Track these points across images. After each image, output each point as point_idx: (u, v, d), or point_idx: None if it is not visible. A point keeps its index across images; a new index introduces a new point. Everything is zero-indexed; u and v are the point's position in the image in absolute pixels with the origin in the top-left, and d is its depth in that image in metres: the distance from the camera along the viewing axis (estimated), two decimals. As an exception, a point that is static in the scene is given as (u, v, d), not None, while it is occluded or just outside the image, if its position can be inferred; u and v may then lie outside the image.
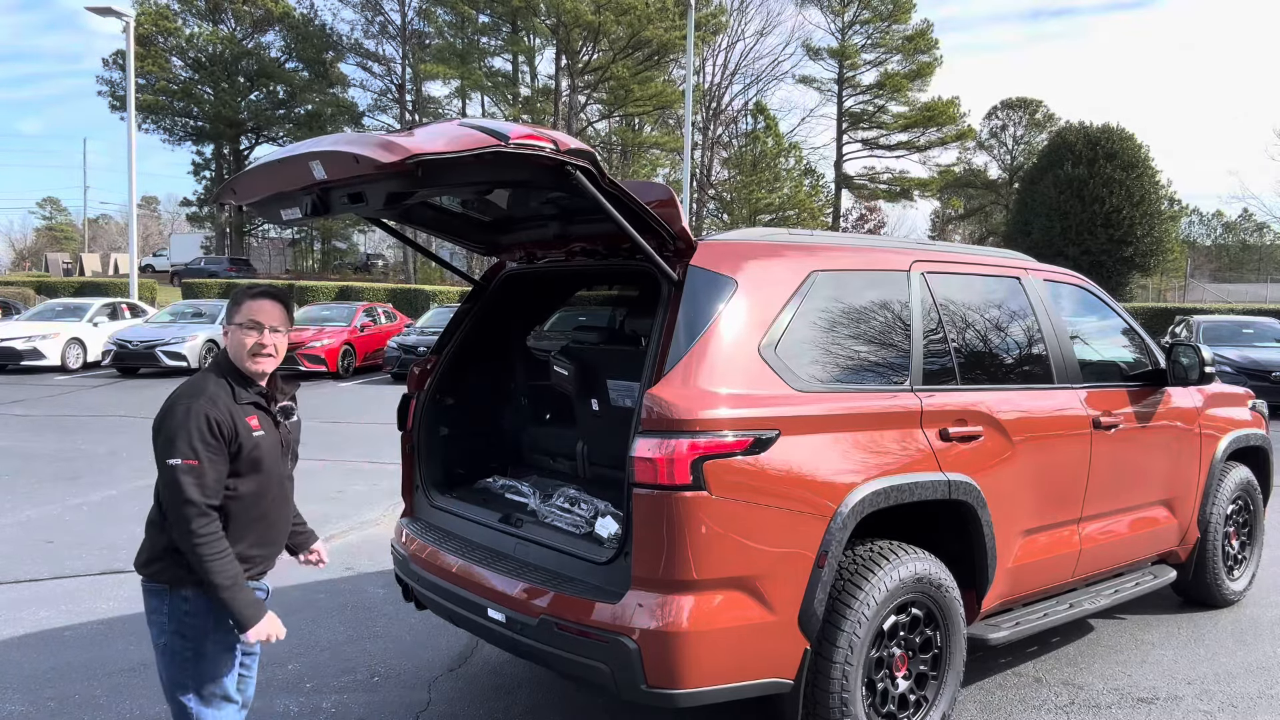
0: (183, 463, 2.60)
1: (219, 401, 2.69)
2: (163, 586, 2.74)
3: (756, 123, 51.33)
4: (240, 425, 2.71)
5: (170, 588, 2.73)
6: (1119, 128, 36.41)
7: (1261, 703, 4.29)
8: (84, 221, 72.63)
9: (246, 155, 50.58)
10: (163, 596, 2.75)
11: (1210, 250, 65.48)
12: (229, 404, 2.71)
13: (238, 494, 2.74)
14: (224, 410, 2.68)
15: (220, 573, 2.62)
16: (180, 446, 2.61)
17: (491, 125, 2.74)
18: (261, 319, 2.78)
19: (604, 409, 4.33)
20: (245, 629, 2.68)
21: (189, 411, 2.64)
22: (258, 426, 2.77)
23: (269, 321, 2.79)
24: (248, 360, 2.79)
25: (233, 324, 2.80)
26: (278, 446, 2.86)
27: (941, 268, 4.07)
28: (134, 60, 25.59)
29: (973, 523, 3.76)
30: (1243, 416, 5.67)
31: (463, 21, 46.20)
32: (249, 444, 2.73)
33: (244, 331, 2.77)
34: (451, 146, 2.62)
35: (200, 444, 2.61)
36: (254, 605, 2.70)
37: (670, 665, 2.99)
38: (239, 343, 2.78)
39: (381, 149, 2.59)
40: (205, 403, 2.66)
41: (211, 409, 2.65)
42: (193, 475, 2.60)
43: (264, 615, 2.72)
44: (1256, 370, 14.24)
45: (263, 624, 2.71)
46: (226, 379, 2.77)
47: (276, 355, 2.83)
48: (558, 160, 2.80)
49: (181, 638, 2.74)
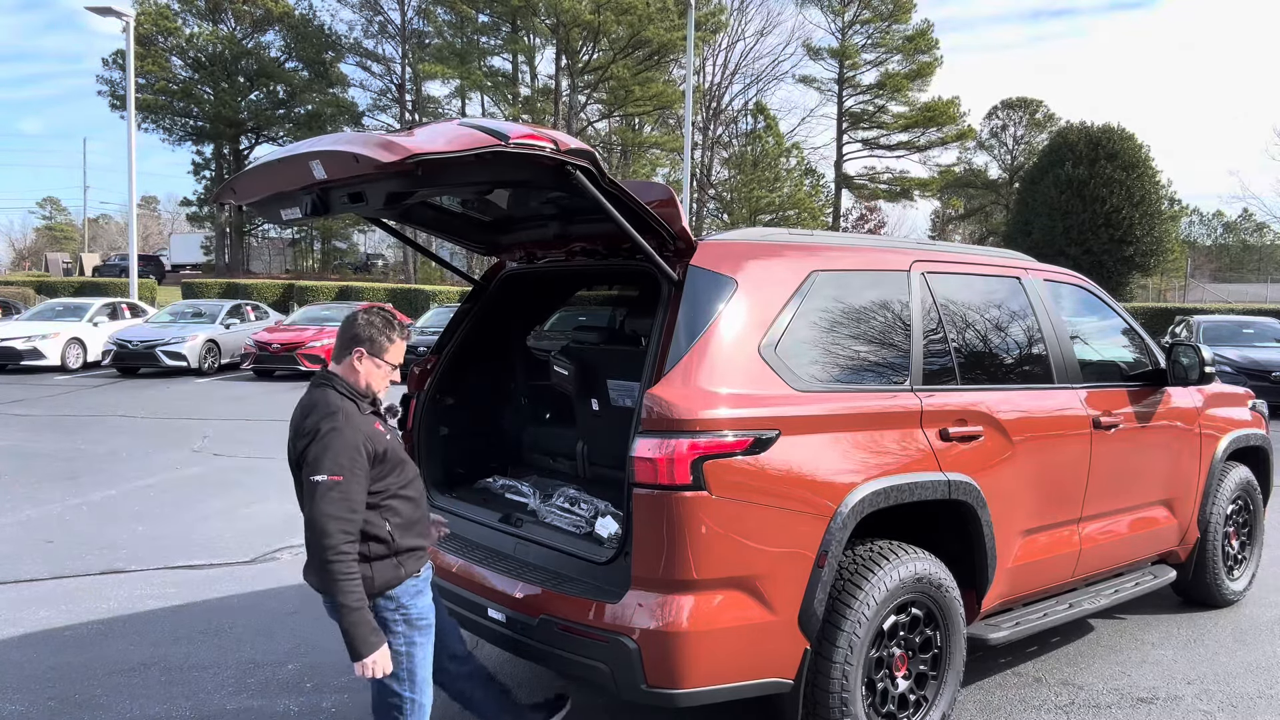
0: (328, 479, 2.75)
1: (355, 418, 2.88)
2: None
3: (756, 123, 51.30)
4: (374, 434, 2.92)
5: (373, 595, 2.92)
6: (1119, 128, 36.39)
7: (1261, 703, 4.29)
8: (84, 221, 72.64)
9: (246, 155, 50.54)
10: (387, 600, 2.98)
11: (1210, 250, 65.47)
12: (360, 419, 2.91)
13: (394, 491, 2.95)
14: (362, 426, 2.88)
15: (351, 593, 2.76)
16: (325, 463, 2.77)
17: (492, 125, 2.74)
18: (398, 360, 3.06)
19: (604, 409, 4.33)
20: (361, 657, 2.80)
21: (335, 430, 2.81)
22: (384, 431, 3.00)
23: (400, 361, 3.08)
24: (378, 390, 3.04)
25: (380, 359, 3.00)
26: (399, 445, 3.07)
27: (942, 268, 4.07)
28: (134, 60, 25.60)
29: (973, 523, 3.76)
30: (1243, 416, 5.67)
31: (462, 21, 46.18)
32: (384, 445, 2.94)
33: (387, 368, 3.02)
34: (451, 146, 2.61)
35: (346, 459, 2.78)
36: (375, 634, 2.83)
37: (670, 665, 2.99)
38: (380, 376, 3.01)
39: (381, 148, 2.59)
40: (346, 421, 2.84)
41: (353, 429, 2.84)
42: (338, 491, 2.76)
43: (381, 645, 2.84)
44: (1256, 370, 14.24)
45: (378, 654, 2.82)
46: (352, 398, 2.95)
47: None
48: (558, 160, 2.80)
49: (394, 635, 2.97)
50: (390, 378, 3.05)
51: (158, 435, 11.34)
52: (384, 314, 3.04)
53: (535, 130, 2.78)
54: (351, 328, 3.02)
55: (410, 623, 2.99)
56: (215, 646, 4.78)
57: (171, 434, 11.45)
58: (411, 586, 2.99)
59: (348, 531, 2.75)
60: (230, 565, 6.15)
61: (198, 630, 5.00)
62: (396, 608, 2.95)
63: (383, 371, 3.02)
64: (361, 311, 3.07)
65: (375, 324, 3.01)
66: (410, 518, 3.01)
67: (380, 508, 2.91)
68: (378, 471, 2.90)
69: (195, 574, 5.94)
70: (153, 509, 7.71)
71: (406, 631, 2.98)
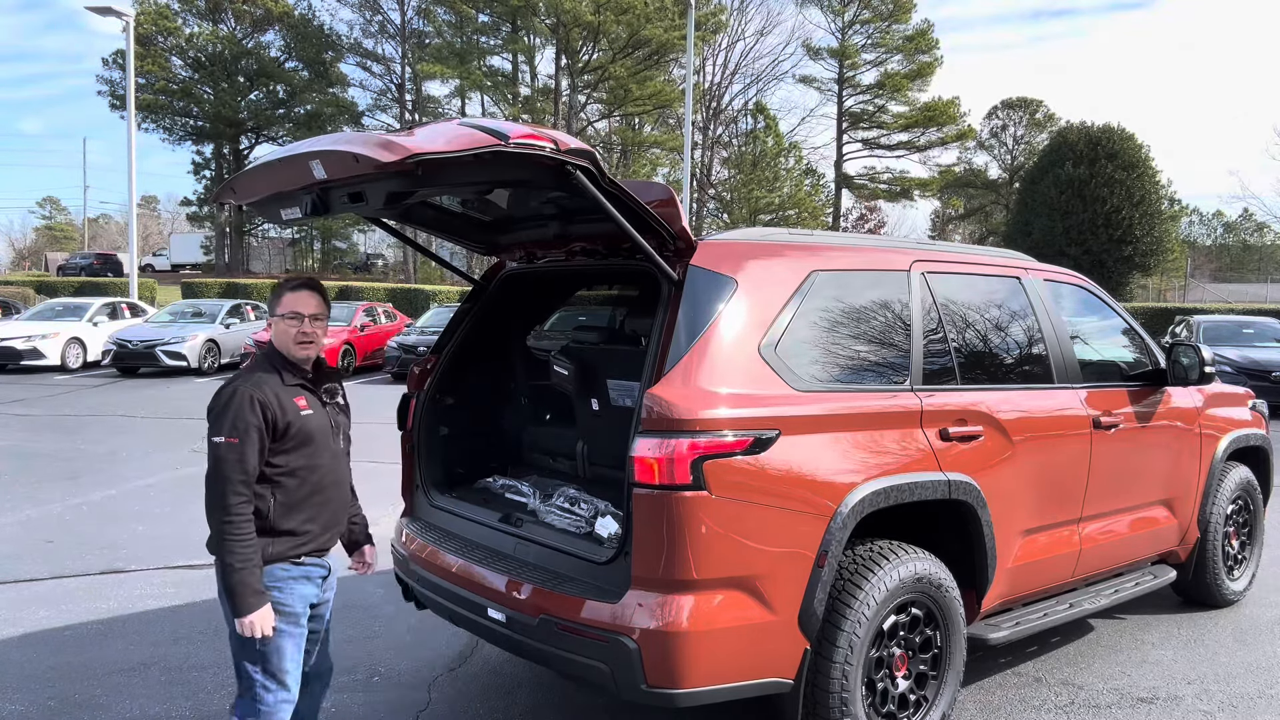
0: (225, 440, 2.78)
1: (265, 384, 2.89)
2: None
3: (756, 122, 51.29)
4: (287, 404, 2.90)
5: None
6: (1119, 128, 36.37)
7: (1261, 703, 4.29)
8: (84, 221, 72.66)
9: (246, 155, 50.53)
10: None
11: (1210, 250, 65.45)
12: (276, 387, 2.90)
13: (289, 468, 2.91)
14: (269, 392, 2.87)
15: (237, 554, 2.77)
16: (224, 425, 2.79)
17: (492, 125, 2.74)
18: (301, 309, 2.98)
19: (604, 409, 4.33)
20: (240, 615, 2.81)
21: (235, 392, 2.84)
22: (305, 406, 2.96)
23: (308, 310, 2.99)
24: (293, 348, 2.99)
25: (275, 315, 3.00)
26: (327, 426, 3.04)
27: (942, 267, 4.07)
28: (134, 60, 25.59)
29: (973, 523, 3.76)
30: (1243, 416, 5.67)
31: (462, 21, 46.17)
32: (297, 422, 2.91)
33: (286, 322, 2.98)
34: (451, 146, 2.61)
35: (242, 423, 2.79)
36: (257, 595, 2.81)
37: (670, 665, 2.99)
38: (283, 332, 2.99)
39: (381, 148, 2.58)
40: (252, 385, 2.86)
41: (257, 390, 2.85)
42: (234, 452, 2.77)
43: (262, 606, 2.83)
44: (1256, 370, 14.24)
45: (257, 615, 2.82)
46: (274, 366, 2.97)
47: (318, 341, 3.03)
48: (558, 160, 2.80)
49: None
50: (300, 331, 2.98)
51: (158, 435, 11.34)
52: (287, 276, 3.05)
53: (535, 130, 2.78)
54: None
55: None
56: (215, 646, 4.78)
57: (171, 434, 11.45)
58: (280, 570, 2.92)
59: (241, 494, 2.78)
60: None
61: (198, 630, 5.00)
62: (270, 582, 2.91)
63: (285, 327, 2.98)
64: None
65: (274, 288, 3.09)
66: (297, 499, 2.94)
67: (270, 481, 2.88)
68: (279, 444, 2.88)
69: (195, 574, 5.94)
70: (153, 509, 7.71)
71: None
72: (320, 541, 3.04)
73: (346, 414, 3.23)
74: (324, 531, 3.06)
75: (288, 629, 2.94)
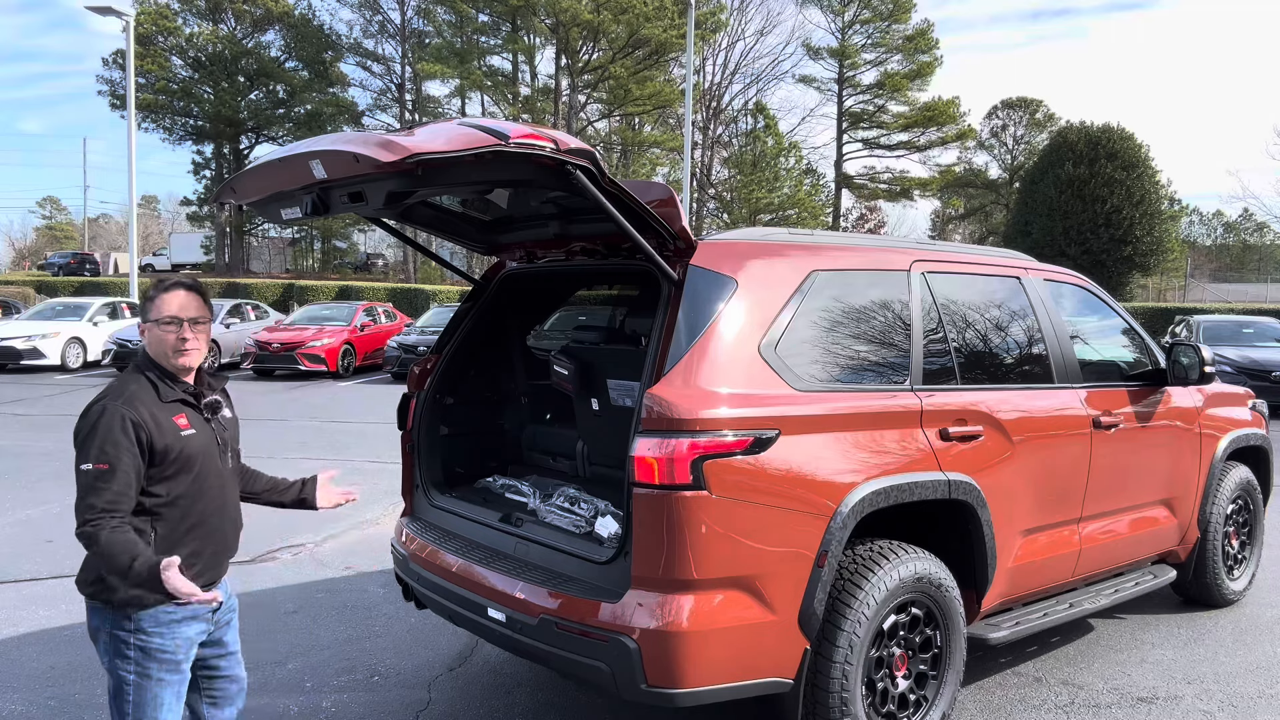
0: (93, 467, 2.47)
1: (138, 401, 2.57)
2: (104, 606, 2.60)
3: (756, 122, 51.27)
4: (165, 424, 2.58)
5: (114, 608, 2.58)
6: (1119, 128, 36.36)
7: (1261, 703, 4.29)
8: (84, 221, 72.66)
9: (246, 154, 50.52)
10: (105, 617, 2.61)
11: (1210, 250, 65.43)
12: (152, 404, 2.59)
13: (171, 499, 2.60)
14: (143, 411, 2.55)
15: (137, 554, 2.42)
16: (91, 450, 2.48)
17: (492, 125, 2.74)
18: (180, 312, 2.66)
19: (604, 408, 4.33)
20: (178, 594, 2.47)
21: (103, 412, 2.53)
22: (187, 425, 2.64)
23: (188, 314, 2.67)
24: (172, 356, 2.66)
25: (149, 321, 2.66)
26: (213, 444, 2.73)
27: (942, 267, 4.07)
28: (134, 59, 25.58)
29: (973, 522, 3.76)
30: (1243, 416, 5.67)
31: (462, 21, 46.16)
32: (176, 444, 2.60)
33: (163, 328, 2.65)
34: (452, 146, 2.61)
35: (113, 447, 2.48)
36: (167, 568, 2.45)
37: (670, 665, 2.99)
38: (159, 340, 2.66)
39: (381, 148, 2.58)
40: (123, 403, 2.54)
41: (129, 409, 2.53)
42: (103, 480, 2.46)
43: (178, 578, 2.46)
44: (1256, 370, 14.24)
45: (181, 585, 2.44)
46: (149, 378, 2.65)
47: (201, 348, 2.72)
48: (558, 160, 2.80)
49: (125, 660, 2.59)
50: (179, 337, 2.65)
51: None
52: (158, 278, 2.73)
53: (535, 130, 2.78)
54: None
55: (147, 652, 2.58)
56: (215, 646, 4.78)
57: (171, 434, 11.43)
58: (163, 614, 2.58)
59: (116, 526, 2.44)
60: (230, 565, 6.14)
61: (197, 630, 4.99)
62: (134, 631, 2.57)
63: (163, 333, 2.64)
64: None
65: (146, 291, 2.72)
66: (180, 531, 2.63)
67: (149, 513, 2.56)
68: (158, 470, 2.56)
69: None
70: (152, 508, 7.69)
71: (140, 660, 2.58)
72: (207, 576, 2.72)
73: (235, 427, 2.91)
74: (212, 564, 2.75)
75: (167, 677, 2.61)
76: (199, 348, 2.71)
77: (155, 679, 2.59)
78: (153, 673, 2.59)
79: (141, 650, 2.58)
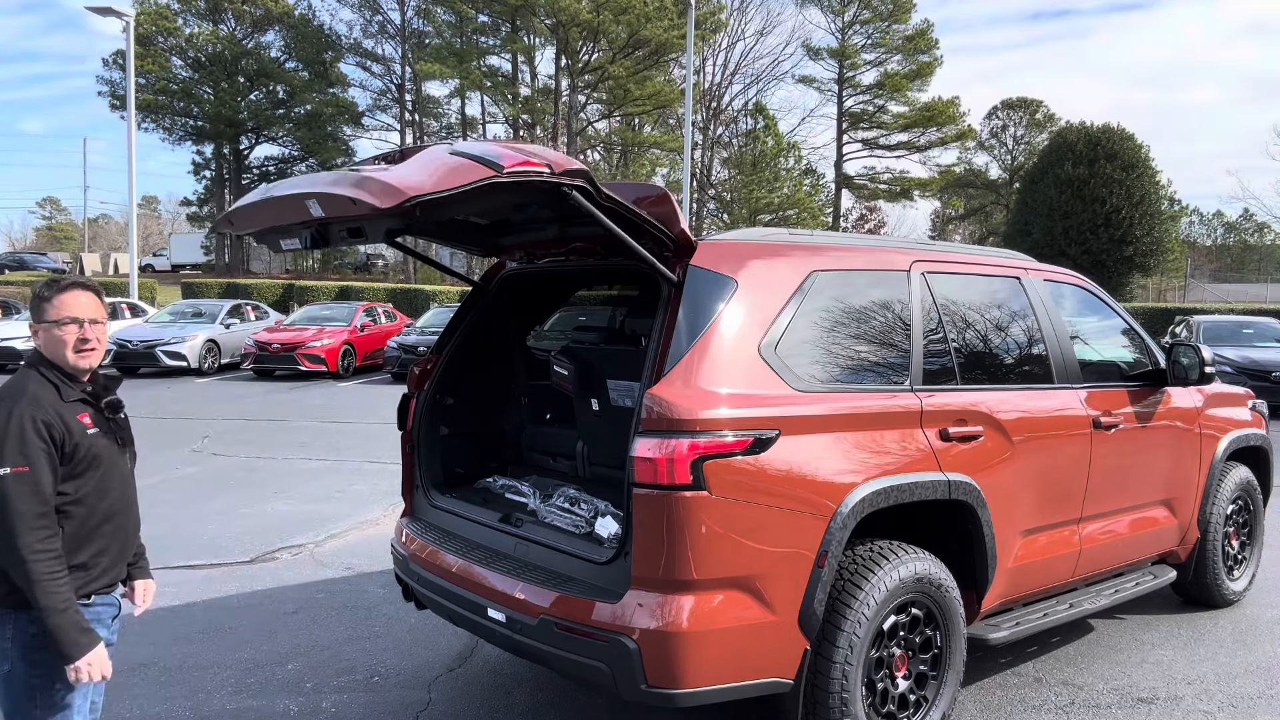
0: (12, 471, 2.40)
1: (43, 402, 2.52)
2: (5, 611, 2.51)
3: (756, 123, 51.28)
4: (72, 424, 2.54)
5: (15, 610, 2.50)
6: (1119, 128, 36.36)
7: (1261, 703, 4.29)
8: (84, 221, 72.66)
9: (246, 155, 50.59)
10: (5, 620, 2.52)
11: (1210, 250, 65.41)
12: (55, 403, 2.54)
13: (78, 497, 2.56)
14: (50, 410, 2.51)
15: (54, 594, 2.42)
16: (6, 454, 2.41)
17: (485, 154, 2.77)
18: (79, 313, 2.61)
19: (604, 409, 4.33)
20: (71, 660, 2.46)
21: (11, 415, 2.45)
22: (91, 424, 2.60)
23: (86, 314, 2.62)
24: (72, 357, 2.61)
25: (46, 321, 2.60)
26: (114, 444, 2.69)
27: (942, 268, 4.07)
28: (134, 60, 25.59)
29: (972, 523, 3.76)
30: (1243, 416, 5.67)
31: (462, 21, 46.19)
32: (84, 442, 2.56)
33: (62, 328, 2.59)
34: (447, 183, 2.66)
35: (30, 449, 2.43)
36: (85, 634, 2.49)
37: (670, 665, 2.99)
38: (57, 340, 2.60)
39: (379, 193, 2.63)
40: (29, 404, 2.49)
41: (37, 410, 2.49)
42: (25, 483, 2.41)
43: (95, 646, 2.50)
44: (1256, 370, 14.24)
45: (92, 656, 2.48)
46: (48, 378, 2.58)
47: (100, 349, 2.66)
48: (554, 183, 2.84)
49: (29, 664, 2.52)
50: (79, 337, 2.60)
51: (158, 435, 11.33)
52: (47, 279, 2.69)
53: (528, 155, 2.81)
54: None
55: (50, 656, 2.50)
56: (215, 646, 4.78)
57: (171, 434, 11.44)
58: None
59: (45, 527, 2.43)
60: (230, 565, 6.15)
61: (197, 630, 5.00)
62: (40, 632, 2.49)
63: (61, 334, 2.58)
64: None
65: (38, 292, 2.64)
66: (87, 530, 2.59)
67: (58, 511, 2.51)
68: (69, 469, 2.52)
69: (195, 574, 5.94)
70: (152, 509, 7.68)
71: (45, 662, 2.51)
72: (111, 575, 2.68)
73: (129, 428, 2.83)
74: (115, 563, 2.70)
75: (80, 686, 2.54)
76: (98, 348, 2.66)
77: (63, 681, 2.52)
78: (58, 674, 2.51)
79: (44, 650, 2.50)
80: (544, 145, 22.06)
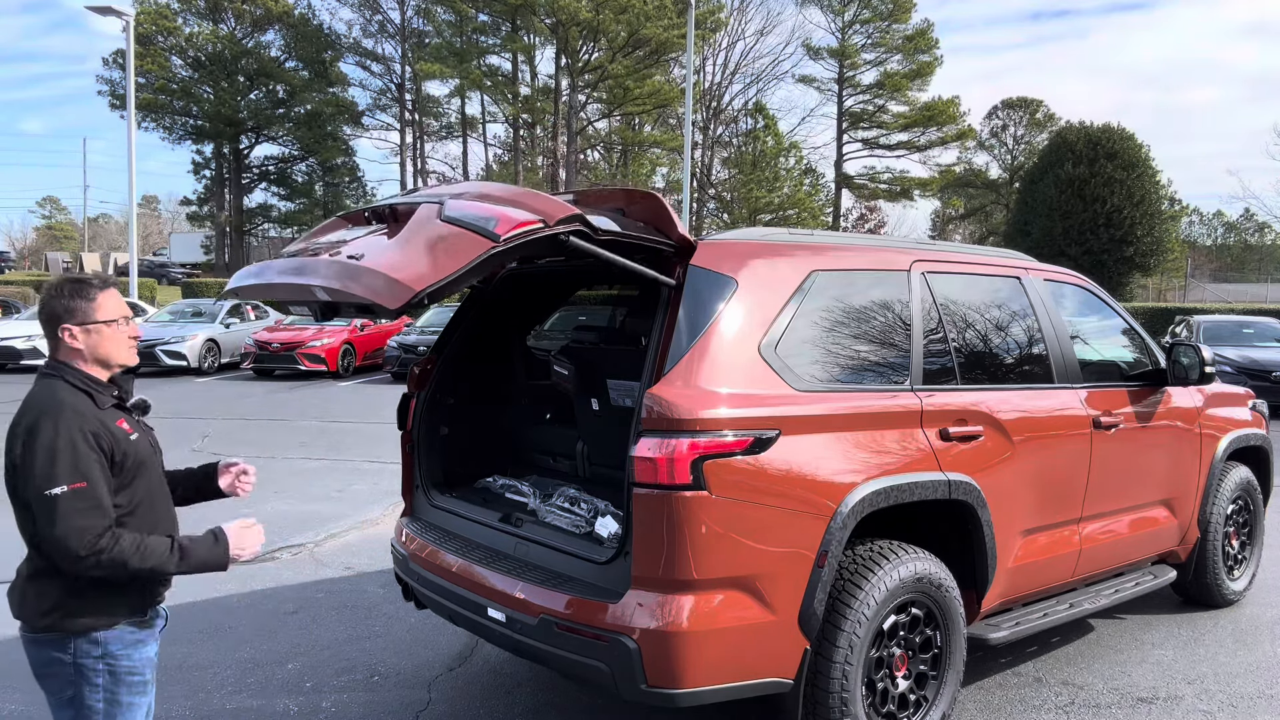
0: (68, 489, 2.27)
1: (85, 411, 2.39)
2: (64, 636, 2.41)
3: (756, 122, 51.27)
4: (115, 430, 2.43)
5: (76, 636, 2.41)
6: (1119, 128, 36.34)
7: (1261, 703, 4.29)
8: (84, 220, 72.67)
9: (246, 154, 50.55)
10: (65, 647, 2.42)
11: (1211, 250, 65.38)
12: (95, 412, 2.41)
13: (131, 507, 2.45)
14: (94, 419, 2.39)
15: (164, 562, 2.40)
16: (60, 472, 2.28)
17: (478, 220, 2.90)
18: (125, 310, 2.54)
19: (604, 408, 4.33)
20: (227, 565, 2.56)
21: (58, 429, 2.31)
22: (130, 430, 2.50)
23: (127, 311, 2.55)
24: (128, 355, 2.53)
25: (95, 321, 2.45)
26: (149, 447, 2.60)
27: (942, 267, 4.07)
28: (134, 59, 25.58)
29: (973, 522, 3.76)
30: (1243, 416, 5.67)
31: (462, 20, 46.15)
32: (130, 449, 2.46)
33: (114, 326, 2.49)
34: (449, 268, 2.81)
35: (83, 463, 2.31)
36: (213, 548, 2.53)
37: (670, 665, 2.99)
38: (113, 339, 2.48)
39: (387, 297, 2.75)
40: (73, 417, 2.35)
41: (82, 422, 2.36)
42: (85, 500, 2.29)
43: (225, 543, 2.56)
44: (1256, 370, 14.23)
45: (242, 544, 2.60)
46: (78, 386, 2.43)
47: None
48: (551, 234, 2.94)
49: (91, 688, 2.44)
50: (129, 335, 2.52)
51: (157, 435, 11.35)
52: (68, 280, 2.58)
53: (522, 215, 2.92)
54: (46, 310, 2.48)
55: (116, 676, 2.44)
56: (215, 646, 4.78)
57: (171, 434, 11.44)
58: (128, 634, 2.45)
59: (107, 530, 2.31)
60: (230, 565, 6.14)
61: (197, 630, 4.99)
62: (102, 655, 2.42)
63: (110, 333, 2.48)
64: (46, 289, 2.56)
65: (65, 293, 2.47)
66: None
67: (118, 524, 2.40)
68: (120, 479, 2.41)
69: (194, 574, 5.93)
70: (152, 508, 7.69)
71: (110, 685, 2.43)
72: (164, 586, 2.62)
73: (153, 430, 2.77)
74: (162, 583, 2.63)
75: (137, 700, 2.49)
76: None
77: (125, 704, 2.47)
78: (122, 697, 2.46)
79: (110, 674, 2.44)
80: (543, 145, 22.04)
